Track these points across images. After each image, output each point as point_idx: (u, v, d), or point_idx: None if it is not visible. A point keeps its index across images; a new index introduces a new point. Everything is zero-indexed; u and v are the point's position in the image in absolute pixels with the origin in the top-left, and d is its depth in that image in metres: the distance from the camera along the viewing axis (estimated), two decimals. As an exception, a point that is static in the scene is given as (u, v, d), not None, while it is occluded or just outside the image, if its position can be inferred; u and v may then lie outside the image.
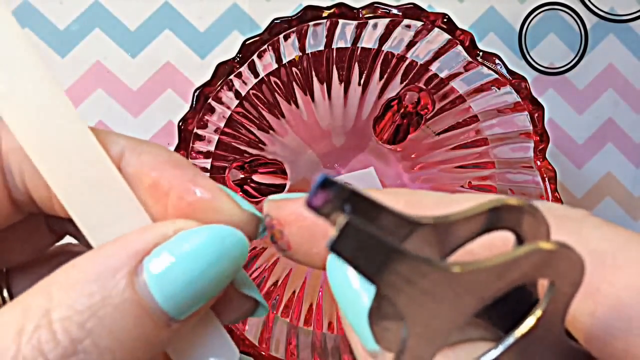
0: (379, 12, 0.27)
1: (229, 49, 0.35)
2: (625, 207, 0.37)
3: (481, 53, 0.27)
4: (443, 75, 0.30)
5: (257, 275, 0.30)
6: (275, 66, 0.29)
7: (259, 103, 0.30)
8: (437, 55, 0.29)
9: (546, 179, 0.27)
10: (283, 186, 0.31)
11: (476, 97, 0.30)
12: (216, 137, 0.29)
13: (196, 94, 0.26)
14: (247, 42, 0.26)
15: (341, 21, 0.27)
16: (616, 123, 0.36)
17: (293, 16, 0.26)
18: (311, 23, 0.27)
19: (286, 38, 0.27)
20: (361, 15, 0.27)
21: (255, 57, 0.27)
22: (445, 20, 0.27)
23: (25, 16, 0.34)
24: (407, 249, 0.12)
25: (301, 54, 0.29)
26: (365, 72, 0.30)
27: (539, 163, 0.28)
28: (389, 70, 0.30)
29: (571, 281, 0.13)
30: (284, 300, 0.30)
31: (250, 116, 0.30)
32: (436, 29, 0.27)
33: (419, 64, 0.30)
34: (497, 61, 0.27)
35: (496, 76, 0.27)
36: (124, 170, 0.16)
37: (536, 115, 0.27)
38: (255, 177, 0.31)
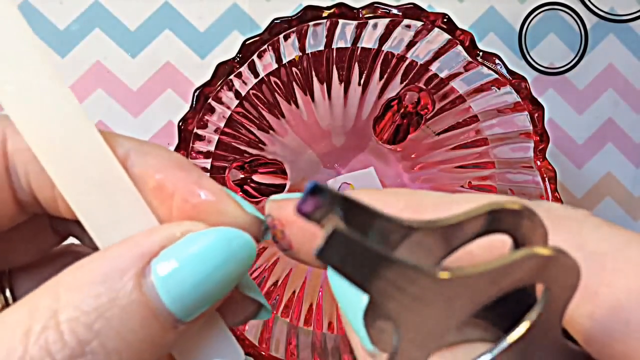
0: (379, 12, 0.27)
1: (229, 49, 0.35)
2: (625, 207, 0.37)
3: (481, 53, 0.27)
4: (443, 75, 0.30)
5: (257, 275, 0.30)
6: (275, 66, 0.29)
7: (259, 103, 0.30)
8: (437, 55, 0.29)
9: (546, 179, 0.27)
10: (283, 186, 0.31)
11: (476, 97, 0.30)
12: (216, 137, 0.29)
13: (196, 94, 0.26)
14: (247, 42, 0.26)
15: (341, 21, 0.27)
16: (616, 123, 0.36)
17: (293, 16, 0.26)
18: (311, 23, 0.27)
19: (286, 38, 0.27)
20: (361, 15, 0.27)
21: (255, 57, 0.27)
22: (445, 20, 0.27)
23: (25, 16, 0.33)
24: (395, 256, 0.11)
25: (301, 54, 0.29)
26: (365, 72, 0.30)
27: (539, 163, 0.28)
28: (389, 70, 0.30)
29: (567, 286, 0.12)
30: (284, 300, 0.30)
31: (250, 116, 0.30)
32: (436, 29, 0.27)
33: (419, 64, 0.30)
34: (497, 61, 0.27)
35: (496, 76, 0.27)
36: (130, 171, 0.16)
37: (536, 115, 0.27)
38: (255, 177, 0.31)
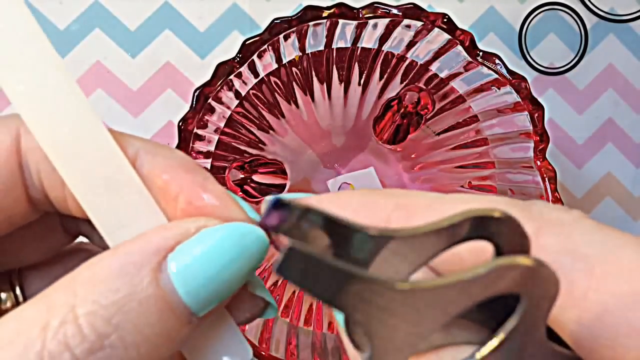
0: (379, 12, 0.27)
1: (229, 49, 0.35)
2: (625, 207, 0.37)
3: (481, 53, 0.27)
4: (443, 75, 0.30)
5: (257, 275, 0.30)
6: (275, 66, 0.29)
7: (259, 103, 0.30)
8: (437, 55, 0.29)
9: (546, 179, 0.27)
10: (283, 186, 0.31)
11: (476, 97, 0.30)
12: (216, 137, 0.29)
13: (196, 94, 0.26)
14: (247, 42, 0.26)
15: (341, 21, 0.27)
16: (616, 123, 0.36)
17: (293, 16, 0.26)
18: (311, 23, 0.27)
19: (286, 38, 0.27)
20: (361, 15, 0.27)
21: (255, 57, 0.27)
22: (445, 20, 0.27)
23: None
24: (355, 269, 0.11)
25: (301, 54, 0.29)
26: (365, 72, 0.30)
27: (539, 163, 0.28)
28: (389, 70, 0.30)
29: (545, 297, 0.12)
30: (284, 300, 0.30)
31: (250, 116, 0.30)
32: (436, 29, 0.27)
33: (419, 64, 0.30)
34: (497, 61, 0.27)
35: (496, 76, 0.27)
36: (138, 171, 0.16)
37: (536, 115, 0.27)
38: (255, 177, 0.31)
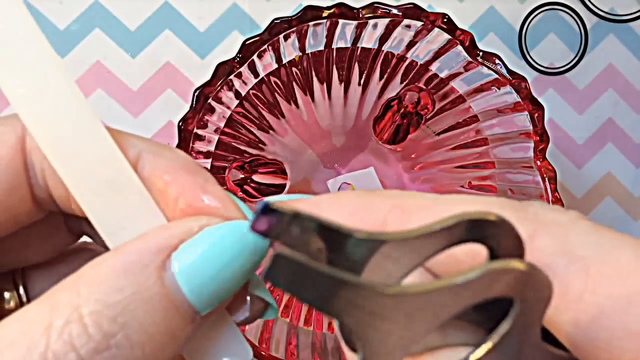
0: (379, 12, 0.27)
1: (229, 49, 0.35)
2: (625, 207, 0.37)
3: (481, 53, 0.27)
4: (443, 75, 0.30)
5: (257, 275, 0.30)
6: (275, 66, 0.29)
7: (259, 103, 0.30)
8: (437, 55, 0.29)
9: (546, 179, 0.27)
10: (283, 186, 0.31)
11: (476, 97, 0.30)
12: (216, 137, 0.29)
13: (196, 94, 0.26)
14: (247, 42, 0.26)
15: (341, 21, 0.27)
16: (616, 123, 0.36)
17: (293, 16, 0.26)
18: (311, 23, 0.27)
19: (286, 38, 0.27)
20: (361, 15, 0.27)
21: (255, 57, 0.27)
22: (445, 20, 0.27)
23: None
24: (344, 275, 0.11)
25: (301, 54, 0.29)
26: (365, 72, 0.30)
27: (539, 163, 0.28)
28: (389, 70, 0.30)
29: (539, 301, 0.12)
30: (284, 300, 0.30)
31: (250, 116, 0.30)
32: (436, 29, 0.27)
33: (419, 64, 0.30)
34: (497, 61, 0.27)
35: (496, 76, 0.27)
36: (140, 172, 0.16)
37: (536, 115, 0.27)
38: (255, 177, 0.31)
